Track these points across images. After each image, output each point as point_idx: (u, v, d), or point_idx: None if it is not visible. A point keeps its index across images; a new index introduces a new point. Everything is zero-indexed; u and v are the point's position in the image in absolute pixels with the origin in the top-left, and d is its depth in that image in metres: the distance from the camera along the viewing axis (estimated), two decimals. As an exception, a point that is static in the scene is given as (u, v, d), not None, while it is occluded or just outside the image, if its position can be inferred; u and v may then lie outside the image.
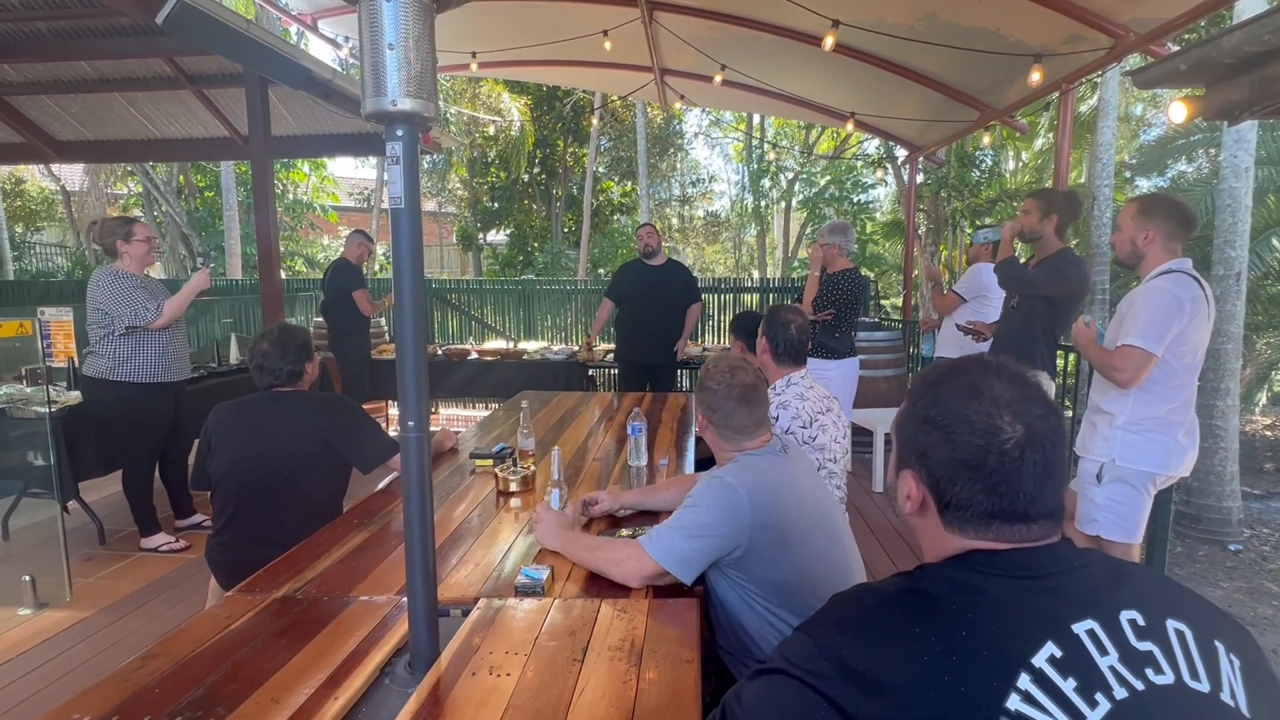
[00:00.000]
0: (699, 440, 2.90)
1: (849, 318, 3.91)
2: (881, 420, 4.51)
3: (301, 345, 2.24)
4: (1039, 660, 0.66)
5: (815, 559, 1.54)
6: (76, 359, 3.91)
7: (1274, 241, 6.54)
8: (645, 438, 2.47)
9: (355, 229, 5.36)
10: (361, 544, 1.84)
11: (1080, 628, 0.68)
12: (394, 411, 6.49)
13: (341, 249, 5.30)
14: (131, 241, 3.36)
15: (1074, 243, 8.58)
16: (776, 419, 2.17)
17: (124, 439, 3.48)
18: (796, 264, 16.02)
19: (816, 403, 2.24)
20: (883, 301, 11.57)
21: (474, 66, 5.85)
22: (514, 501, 2.17)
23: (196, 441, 2.25)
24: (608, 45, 5.03)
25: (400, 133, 1.12)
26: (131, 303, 3.31)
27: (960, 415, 0.78)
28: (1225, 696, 0.71)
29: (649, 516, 1.98)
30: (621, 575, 1.54)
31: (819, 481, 1.73)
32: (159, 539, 3.58)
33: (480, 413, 7.00)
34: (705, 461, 2.66)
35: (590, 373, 5.84)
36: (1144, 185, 9.78)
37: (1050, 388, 3.25)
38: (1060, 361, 3.70)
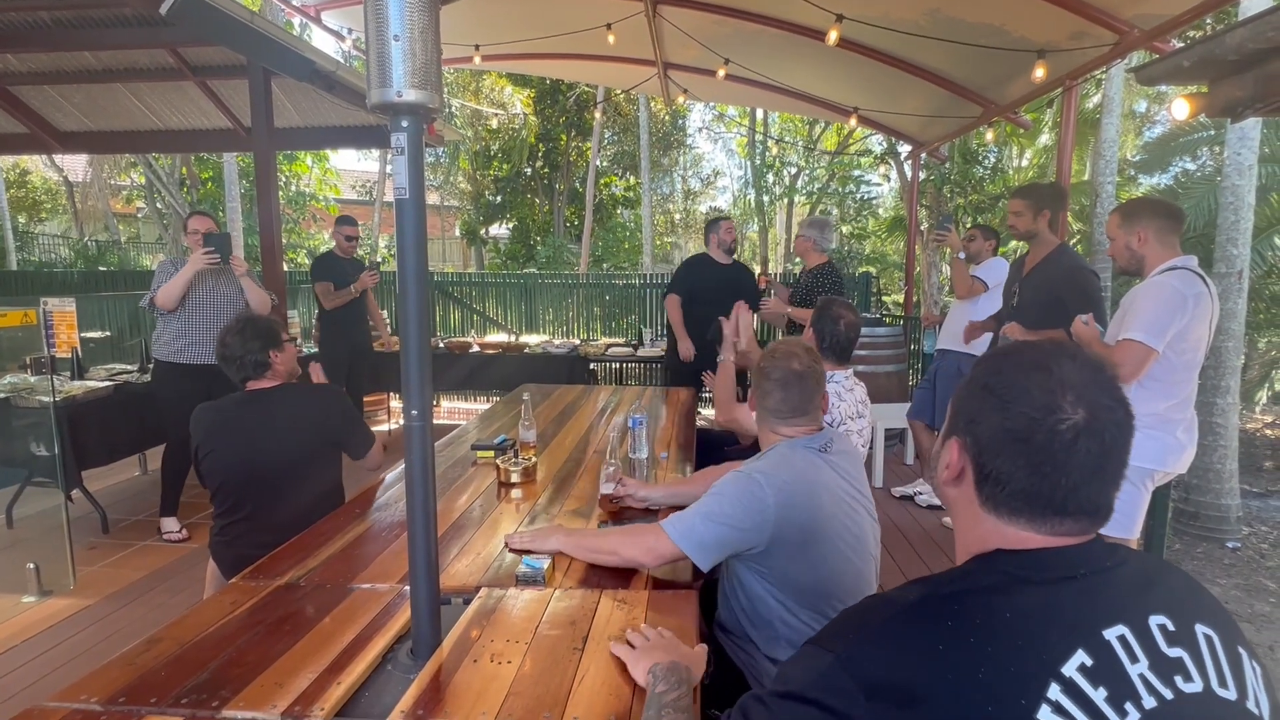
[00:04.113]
0: (701, 432, 2.92)
1: None
2: (882, 415, 4.51)
3: (264, 333, 2.21)
4: (1069, 669, 0.63)
5: (836, 564, 1.52)
6: (80, 349, 3.95)
7: (1276, 240, 6.52)
8: (646, 430, 2.48)
9: (339, 215, 5.22)
10: (363, 534, 1.85)
11: (1111, 634, 0.66)
12: (395, 405, 6.50)
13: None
14: (186, 234, 3.60)
15: (1074, 240, 8.58)
16: None
17: (157, 411, 3.66)
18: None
19: (851, 406, 2.20)
20: (884, 298, 11.56)
21: (477, 59, 5.84)
22: (515, 493, 2.18)
23: None
24: (611, 39, 5.02)
25: (405, 124, 1.13)
26: (154, 284, 3.49)
27: (1021, 386, 0.74)
28: (1251, 704, 0.69)
29: (651, 514, 1.99)
30: (634, 554, 1.55)
31: (861, 487, 1.66)
32: (171, 523, 3.62)
33: (481, 405, 7.02)
34: (707, 454, 2.67)
35: (591, 366, 5.85)
36: (1147, 182, 9.75)
37: None
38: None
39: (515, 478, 2.23)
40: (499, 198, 15.38)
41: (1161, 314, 2.15)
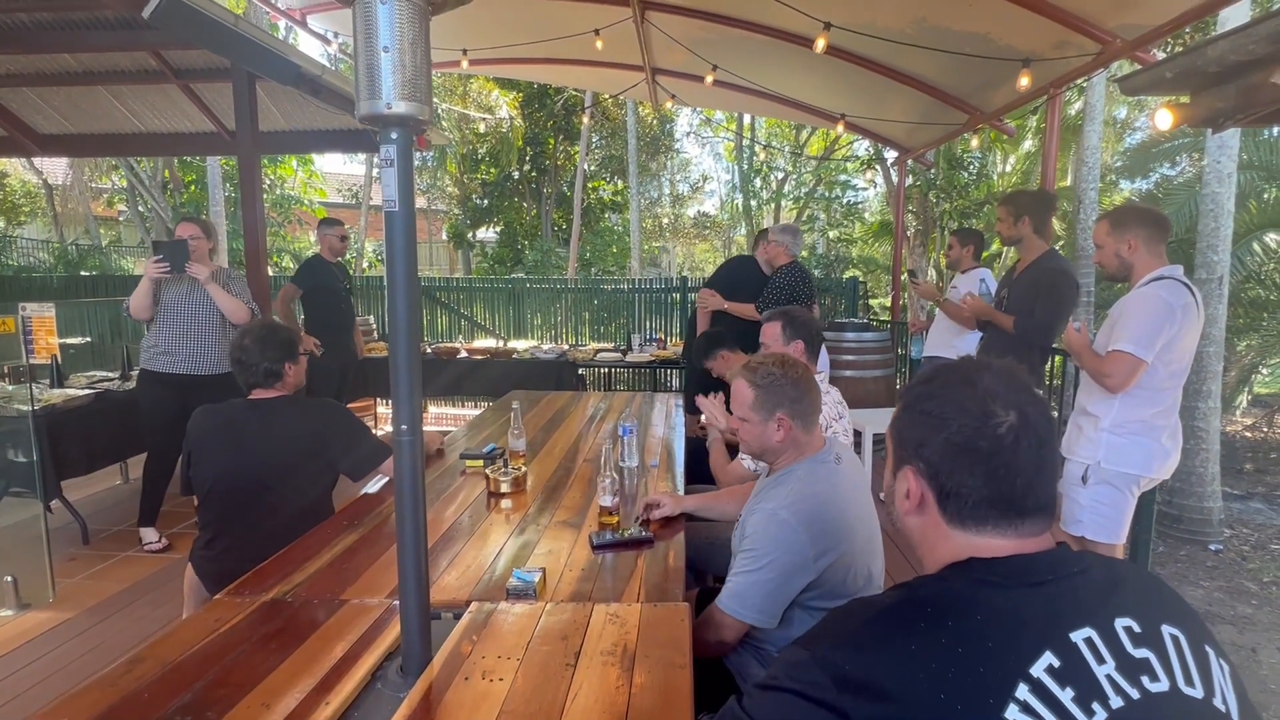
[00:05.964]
0: (691, 441, 2.90)
1: None
2: (870, 421, 4.53)
3: (284, 344, 2.17)
4: (1037, 670, 0.66)
5: (862, 576, 1.52)
6: (59, 355, 3.88)
7: (1255, 246, 6.62)
8: (637, 439, 2.47)
9: (324, 218, 5.02)
10: (352, 546, 1.83)
11: (1078, 636, 0.68)
12: (382, 410, 6.45)
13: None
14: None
15: (1059, 243, 8.67)
16: None
17: (137, 419, 3.61)
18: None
19: (831, 408, 2.22)
20: (871, 302, 11.63)
21: (465, 64, 5.82)
22: (505, 503, 2.16)
23: None
24: (599, 44, 5.02)
25: (395, 135, 1.11)
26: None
27: (954, 402, 0.79)
28: (1218, 702, 0.71)
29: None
30: (719, 639, 1.54)
31: (867, 495, 1.65)
32: (150, 533, 3.56)
33: (470, 411, 6.97)
34: (697, 463, 2.66)
35: (580, 371, 5.83)
36: (1128, 188, 9.89)
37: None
38: (1045, 363, 3.74)
39: (505, 487, 2.21)
40: (486, 201, 15.34)
41: (1150, 325, 2.17)
